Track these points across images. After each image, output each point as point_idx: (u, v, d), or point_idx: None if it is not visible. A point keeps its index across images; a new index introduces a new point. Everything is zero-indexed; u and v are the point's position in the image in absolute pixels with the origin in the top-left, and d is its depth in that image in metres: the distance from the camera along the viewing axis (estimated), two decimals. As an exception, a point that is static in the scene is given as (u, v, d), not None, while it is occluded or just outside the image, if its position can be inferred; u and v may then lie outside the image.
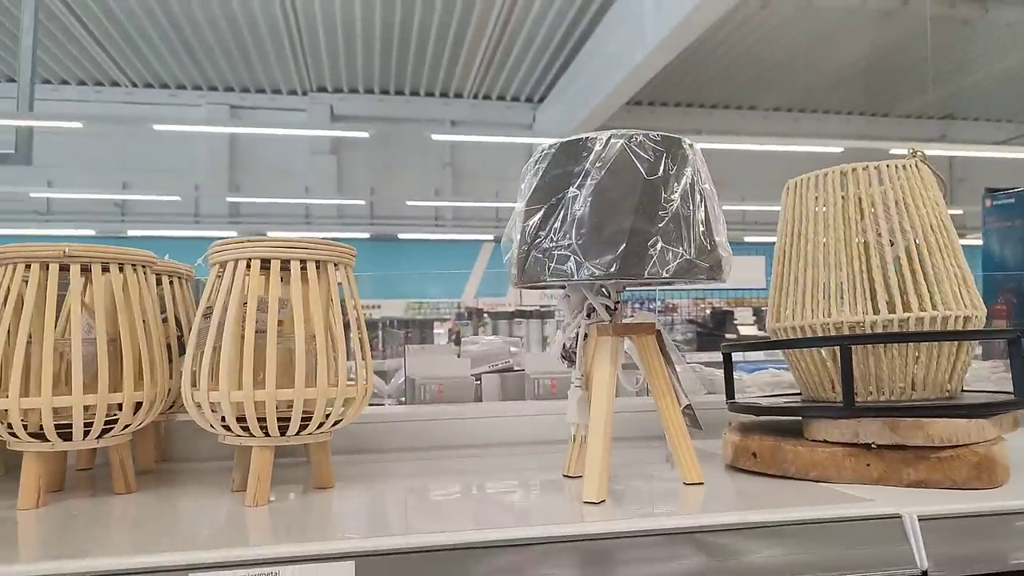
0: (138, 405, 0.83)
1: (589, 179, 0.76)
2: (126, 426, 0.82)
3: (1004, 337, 0.85)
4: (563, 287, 0.84)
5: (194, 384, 0.80)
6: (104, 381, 0.79)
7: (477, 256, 11.16)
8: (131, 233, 9.99)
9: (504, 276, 0.85)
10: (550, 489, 0.85)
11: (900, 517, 0.70)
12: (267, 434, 0.78)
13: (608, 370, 0.79)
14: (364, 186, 11.08)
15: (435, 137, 9.70)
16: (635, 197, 0.75)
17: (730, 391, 1.01)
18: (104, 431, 0.81)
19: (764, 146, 8.32)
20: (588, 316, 0.85)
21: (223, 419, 0.79)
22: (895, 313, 0.86)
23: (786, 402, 0.97)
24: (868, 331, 0.86)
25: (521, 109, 11.03)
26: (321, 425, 0.81)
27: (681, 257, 0.75)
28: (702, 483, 0.84)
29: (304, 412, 0.80)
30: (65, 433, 0.79)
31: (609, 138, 0.77)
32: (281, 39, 8.89)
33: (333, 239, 0.89)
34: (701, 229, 0.77)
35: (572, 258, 0.75)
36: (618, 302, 0.83)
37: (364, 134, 9.28)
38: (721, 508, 0.76)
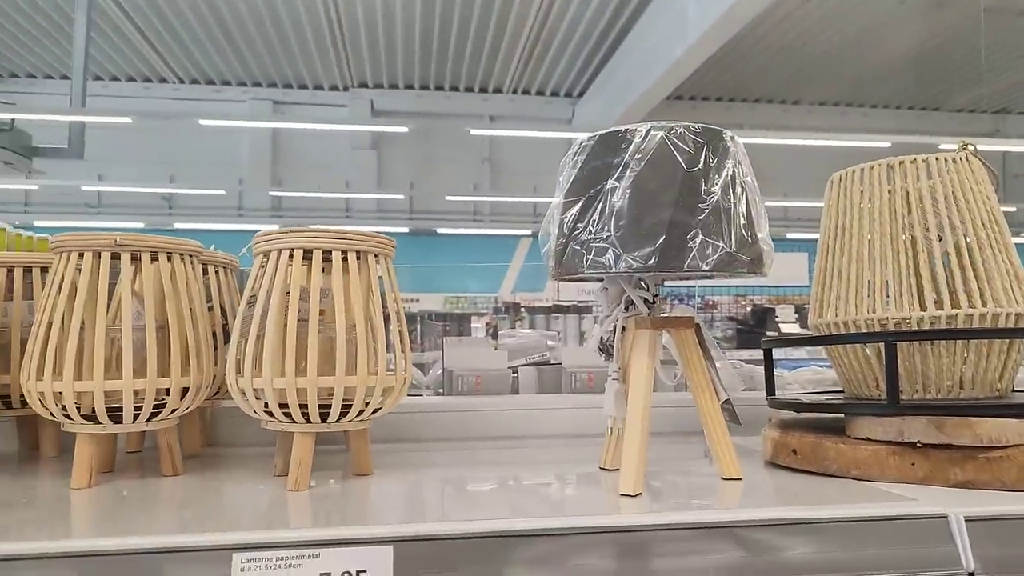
0: (185, 390, 0.85)
1: (628, 171, 0.75)
2: (173, 410, 0.85)
3: (1058, 335, 0.82)
4: (601, 279, 0.84)
5: (238, 371, 0.81)
6: (153, 366, 0.81)
7: (515, 251, 11.17)
8: (177, 226, 10.24)
9: (542, 271, 0.85)
10: (586, 481, 0.85)
11: (946, 517, 0.69)
12: (308, 420, 0.80)
13: (646, 363, 0.79)
14: (403, 181, 11.16)
15: (474, 132, 9.73)
16: (675, 189, 0.74)
17: (770, 387, 1.00)
18: (152, 415, 0.84)
19: (808, 141, 8.16)
20: (626, 309, 0.84)
21: (266, 405, 0.80)
22: (943, 310, 0.83)
23: (828, 399, 0.95)
24: (914, 328, 0.84)
25: (560, 104, 10.98)
26: (361, 413, 0.82)
27: (721, 250, 0.74)
28: (740, 479, 0.83)
29: (344, 400, 0.81)
30: (116, 416, 0.81)
31: (649, 130, 0.76)
32: (323, 35, 9.00)
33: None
34: (742, 222, 0.77)
35: (610, 250, 0.75)
36: (656, 295, 0.82)
37: (404, 129, 9.34)
38: (759, 504, 0.76)
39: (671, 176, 0.75)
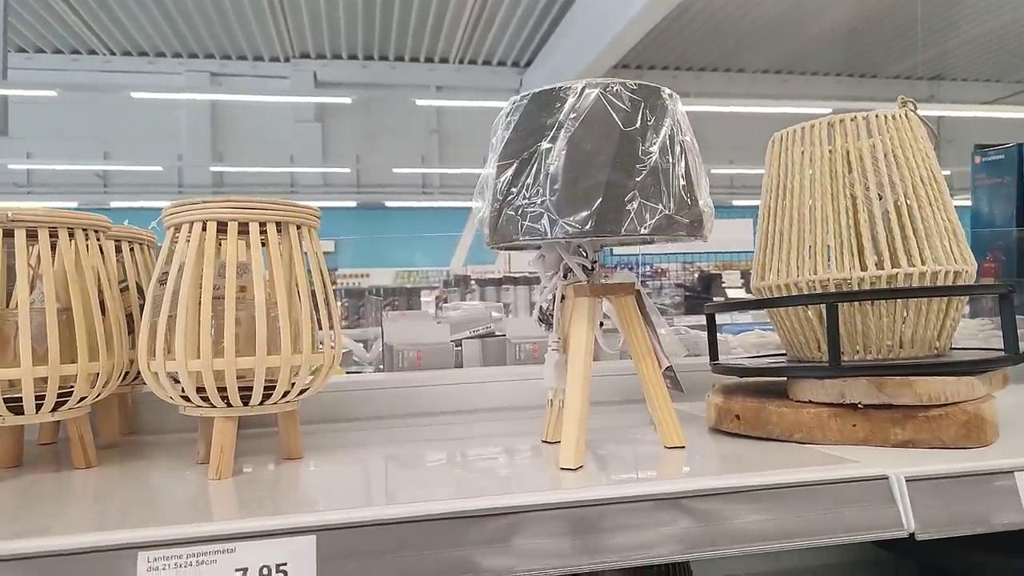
0: (94, 377, 0.79)
1: (563, 131, 0.72)
2: (82, 398, 0.78)
3: (994, 292, 0.82)
4: (538, 247, 0.81)
5: (150, 354, 0.76)
6: (55, 352, 0.75)
7: (466, 223, 11.09)
8: (114, 204, 9.86)
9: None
10: (527, 455, 0.82)
11: (887, 478, 0.68)
12: (229, 404, 0.75)
13: (585, 332, 0.76)
14: (350, 154, 10.94)
15: (420, 103, 9.57)
16: (611, 150, 0.71)
17: (714, 353, 0.98)
18: (59, 404, 0.78)
19: (751, 108, 8.25)
20: (565, 277, 0.81)
21: (182, 390, 0.75)
22: (883, 269, 0.82)
23: (771, 363, 0.94)
24: (855, 288, 0.83)
25: (507, 74, 10.87)
26: (286, 394, 0.78)
27: (660, 213, 0.71)
28: (683, 447, 0.81)
29: (268, 381, 0.76)
30: (16, 407, 0.75)
31: (584, 88, 0.72)
32: (261, 3, 8.69)
33: (320, 207, 0.85)
34: (682, 183, 0.74)
35: (546, 215, 0.71)
36: (595, 262, 0.79)
37: (347, 100, 9.12)
38: (702, 472, 0.74)
39: (607, 136, 0.71)
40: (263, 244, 0.78)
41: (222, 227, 0.77)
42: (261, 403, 0.77)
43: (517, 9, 8.99)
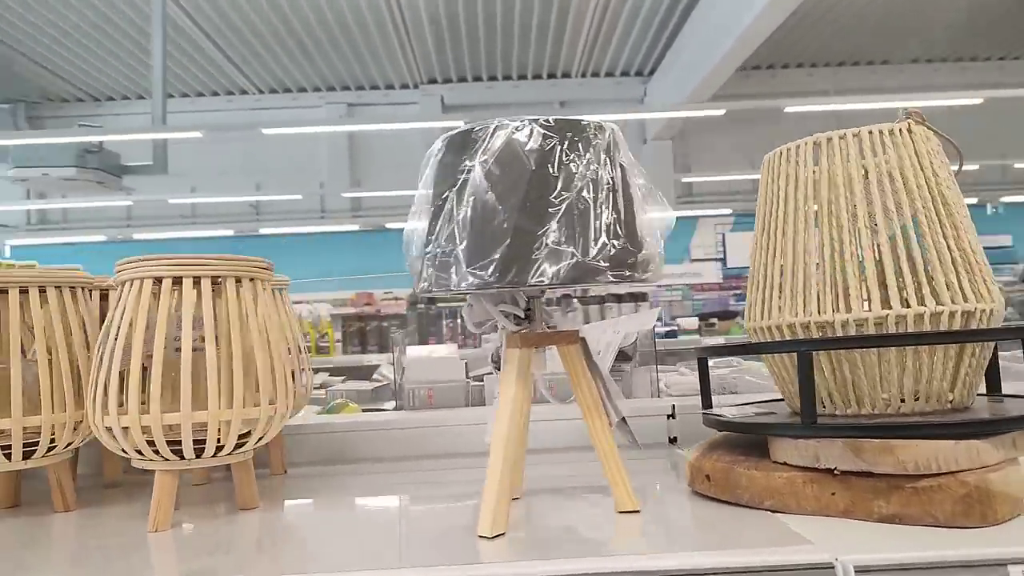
0: (77, 423, 0.84)
1: (472, 176, 0.67)
2: (68, 444, 0.83)
3: (1012, 337, 0.68)
4: (465, 298, 0.76)
5: (104, 409, 0.79)
6: (48, 402, 0.80)
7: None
8: (263, 231, 10.64)
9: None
10: (463, 517, 0.77)
11: (832, 567, 0.58)
12: (165, 459, 0.76)
13: (513, 388, 0.71)
14: (477, 173, 11.17)
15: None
16: (520, 193, 0.66)
17: (706, 400, 0.89)
18: (48, 450, 0.82)
19: (895, 103, 7.58)
20: (514, 321, 0.76)
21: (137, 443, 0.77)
22: (869, 312, 0.71)
23: (756, 413, 0.84)
24: (839, 333, 0.72)
25: (631, 84, 10.70)
26: (223, 448, 0.78)
27: (572, 259, 0.65)
28: (637, 511, 0.74)
29: (200, 435, 0.77)
30: (8, 453, 0.80)
31: (495, 128, 0.68)
32: (388, 34, 9.11)
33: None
34: (606, 225, 0.67)
35: (454, 266, 0.67)
36: (528, 310, 0.74)
37: (460, 123, 9.34)
38: (632, 549, 0.66)
39: (517, 178, 0.66)
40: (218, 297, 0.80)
41: (177, 281, 0.79)
42: (198, 457, 0.77)
43: (637, 18, 8.84)
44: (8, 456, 0.80)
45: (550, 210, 0.65)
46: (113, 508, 0.87)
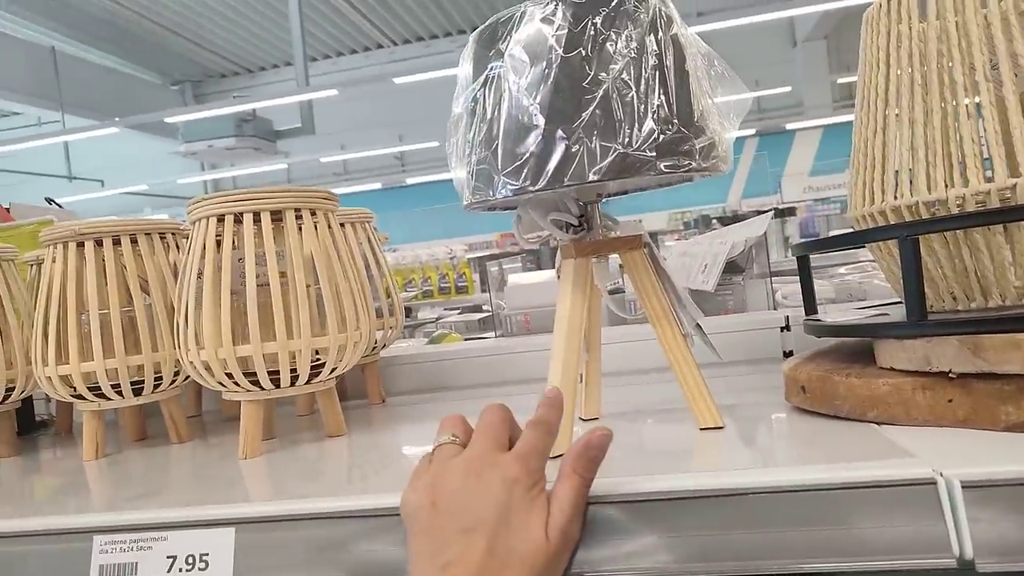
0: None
1: (501, 70, 0.61)
2: (172, 382, 0.89)
3: None
4: (514, 207, 0.71)
5: (187, 345, 0.82)
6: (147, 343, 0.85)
7: (741, 152, 10.40)
8: (408, 181, 11.01)
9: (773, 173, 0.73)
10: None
11: (934, 483, 0.49)
12: (247, 389, 0.79)
13: (569, 302, 0.66)
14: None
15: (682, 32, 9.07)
16: (549, 83, 0.59)
17: (809, 305, 0.79)
18: (156, 387, 0.88)
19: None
20: (567, 231, 0.70)
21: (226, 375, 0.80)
22: (991, 183, 0.58)
23: (868, 317, 0.73)
24: (954, 211, 0.60)
25: (776, -18, 9.82)
26: (299, 378, 0.79)
27: (615, 153, 0.58)
28: (721, 427, 0.67)
29: (300, 363, 0.79)
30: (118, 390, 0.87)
31: (521, 14, 0.61)
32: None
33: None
34: (653, 110, 0.59)
35: (490, 173, 0.62)
36: (581, 216, 0.67)
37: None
38: (702, 466, 0.60)
39: (546, 66, 0.59)
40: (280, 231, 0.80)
41: (238, 219, 0.80)
42: (283, 386, 0.79)
43: (777, -93, 8.07)
44: (120, 393, 0.86)
45: (585, 98, 0.58)
46: (221, 438, 0.92)
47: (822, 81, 9.60)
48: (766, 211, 1.49)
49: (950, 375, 0.58)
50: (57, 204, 1.50)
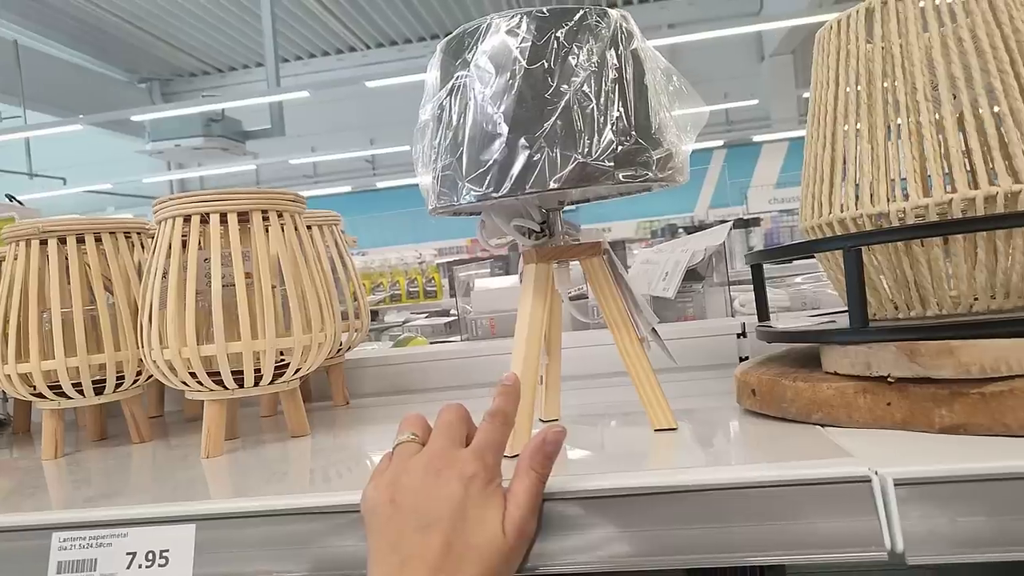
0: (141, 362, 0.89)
1: (466, 79, 0.63)
2: (133, 382, 0.89)
3: (1110, 214, 0.57)
4: (477, 213, 0.73)
5: (154, 343, 0.82)
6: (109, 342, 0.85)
7: (709, 163, 10.55)
8: (379, 185, 10.97)
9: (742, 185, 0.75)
10: (508, 437, 0.75)
11: (868, 480, 0.51)
12: (210, 389, 0.79)
13: (530, 307, 0.67)
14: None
15: (654, 43, 9.20)
16: (513, 93, 0.61)
17: (762, 312, 0.82)
18: (119, 386, 0.88)
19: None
20: (529, 237, 0.72)
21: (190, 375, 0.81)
22: (930, 197, 0.62)
23: (816, 324, 0.76)
24: (895, 224, 0.63)
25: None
26: (262, 378, 0.80)
27: (574, 162, 0.60)
28: (674, 428, 0.69)
29: (265, 364, 0.79)
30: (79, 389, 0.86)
31: (486, 26, 0.63)
32: (485, -26, 8.97)
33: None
34: (611, 122, 0.61)
35: (455, 179, 0.64)
36: (543, 223, 0.69)
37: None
38: (655, 465, 0.62)
39: (509, 76, 0.61)
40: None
41: (204, 219, 0.81)
42: (248, 385, 0.80)
43: (747, -77, 8.23)
44: (81, 392, 0.86)
45: (547, 109, 0.61)
46: (183, 438, 0.92)
47: (788, 95, 9.78)
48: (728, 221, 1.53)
49: (889, 380, 0.61)
50: (19, 201, 1.48)
